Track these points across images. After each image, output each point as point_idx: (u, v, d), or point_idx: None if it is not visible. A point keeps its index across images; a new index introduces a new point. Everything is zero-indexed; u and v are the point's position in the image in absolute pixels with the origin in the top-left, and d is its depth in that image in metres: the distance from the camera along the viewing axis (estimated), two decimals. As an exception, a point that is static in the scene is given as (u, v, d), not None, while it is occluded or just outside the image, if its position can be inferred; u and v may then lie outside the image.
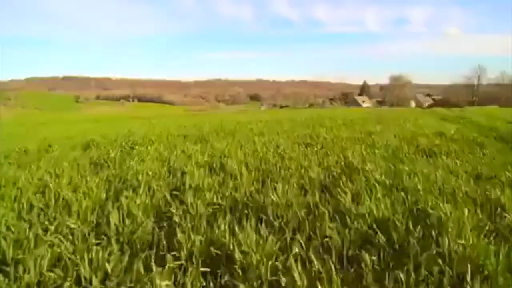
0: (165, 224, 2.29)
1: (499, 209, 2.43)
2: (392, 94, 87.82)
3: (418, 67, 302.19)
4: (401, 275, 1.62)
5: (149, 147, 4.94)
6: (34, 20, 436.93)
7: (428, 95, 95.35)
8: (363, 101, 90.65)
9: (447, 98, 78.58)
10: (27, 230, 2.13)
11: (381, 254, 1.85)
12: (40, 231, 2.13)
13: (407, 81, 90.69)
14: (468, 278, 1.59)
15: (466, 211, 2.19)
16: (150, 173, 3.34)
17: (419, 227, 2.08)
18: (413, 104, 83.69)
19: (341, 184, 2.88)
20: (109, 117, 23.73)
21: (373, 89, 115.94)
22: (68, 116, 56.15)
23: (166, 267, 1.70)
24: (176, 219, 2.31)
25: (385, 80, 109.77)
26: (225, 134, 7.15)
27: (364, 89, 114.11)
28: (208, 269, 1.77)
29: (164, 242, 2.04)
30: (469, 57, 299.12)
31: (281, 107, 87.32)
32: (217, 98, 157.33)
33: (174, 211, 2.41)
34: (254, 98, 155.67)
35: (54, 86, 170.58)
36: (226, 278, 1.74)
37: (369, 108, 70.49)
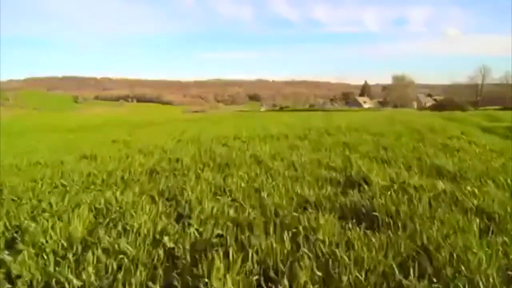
0: None
1: None
2: (395, 95, 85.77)
3: (417, 67, 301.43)
4: None
5: (59, 223, 2.53)
6: (34, 20, 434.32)
7: (429, 95, 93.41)
8: (365, 102, 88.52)
9: (450, 99, 77.03)
10: None
11: None
12: None
13: (410, 81, 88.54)
14: None
15: None
16: None
17: None
18: (415, 104, 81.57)
19: None
20: (96, 123, 21.21)
21: (373, 89, 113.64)
22: (58, 118, 53.60)
23: None
24: None
25: (385, 80, 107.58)
26: (214, 167, 4.75)
27: (365, 89, 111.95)
28: None
29: None
30: (468, 57, 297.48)
31: (281, 108, 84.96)
32: (217, 98, 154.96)
33: None
34: (254, 98, 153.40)
35: (53, 86, 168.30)
36: None
37: (371, 108, 68.11)
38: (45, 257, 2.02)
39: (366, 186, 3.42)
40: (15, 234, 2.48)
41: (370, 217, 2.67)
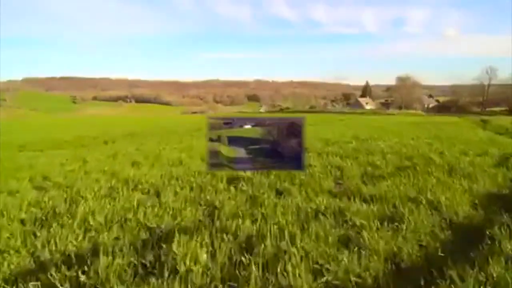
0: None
1: None
2: (399, 96, 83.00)
3: (417, 67, 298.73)
4: None
5: None
6: (33, 20, 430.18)
7: (430, 96, 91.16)
8: (367, 103, 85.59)
9: (455, 100, 74.65)
10: None
11: None
12: None
13: (414, 81, 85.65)
14: None
15: None
16: None
17: None
18: (418, 106, 78.85)
19: None
20: (64, 136, 17.94)
21: (373, 89, 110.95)
22: (45, 121, 50.30)
23: None
24: None
25: (385, 81, 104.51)
26: None
27: (366, 90, 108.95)
28: None
29: None
30: (468, 58, 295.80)
31: (281, 109, 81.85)
32: (216, 99, 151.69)
33: None
34: (253, 98, 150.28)
35: (52, 87, 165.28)
36: None
37: (376, 111, 64.87)
38: None
39: None
40: None
41: None
